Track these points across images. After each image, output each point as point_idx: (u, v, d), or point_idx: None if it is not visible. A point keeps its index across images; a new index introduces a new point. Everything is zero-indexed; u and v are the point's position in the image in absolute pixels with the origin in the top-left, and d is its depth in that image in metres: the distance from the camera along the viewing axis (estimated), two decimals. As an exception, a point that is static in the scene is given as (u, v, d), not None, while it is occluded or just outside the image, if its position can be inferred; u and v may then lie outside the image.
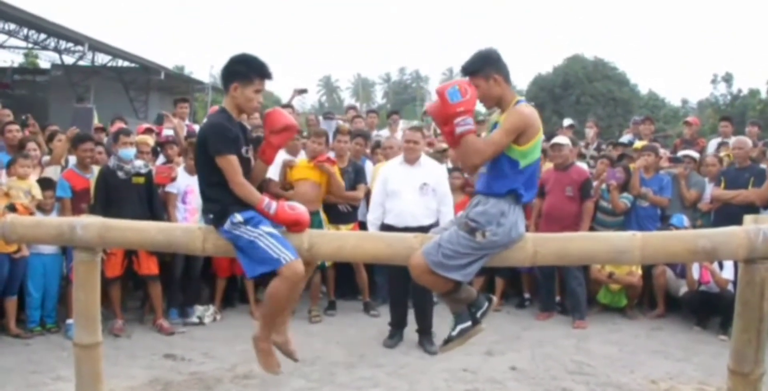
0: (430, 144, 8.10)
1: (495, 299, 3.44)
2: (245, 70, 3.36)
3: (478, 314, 3.35)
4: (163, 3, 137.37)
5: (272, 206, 3.30)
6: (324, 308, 6.66)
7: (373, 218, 5.86)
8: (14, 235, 3.63)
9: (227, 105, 3.43)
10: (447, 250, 3.10)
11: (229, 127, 3.31)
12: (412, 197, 5.55)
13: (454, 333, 3.38)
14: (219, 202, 3.32)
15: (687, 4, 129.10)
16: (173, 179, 6.22)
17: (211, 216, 3.36)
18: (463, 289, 3.28)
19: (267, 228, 3.26)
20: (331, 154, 6.64)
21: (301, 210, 3.39)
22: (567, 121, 10.71)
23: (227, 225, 3.27)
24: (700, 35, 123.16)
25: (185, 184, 6.29)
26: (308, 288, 6.64)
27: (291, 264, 3.23)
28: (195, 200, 6.26)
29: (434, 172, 5.71)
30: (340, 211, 6.60)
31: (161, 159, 6.97)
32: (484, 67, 3.17)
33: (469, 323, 3.35)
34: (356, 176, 6.66)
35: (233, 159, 3.27)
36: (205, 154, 3.33)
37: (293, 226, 3.33)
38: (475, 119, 3.17)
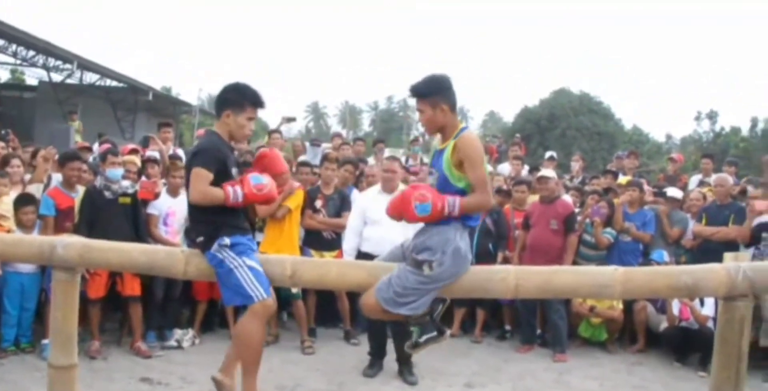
0: (414, 173, 8.12)
1: (448, 300, 3.45)
2: (239, 98, 3.42)
3: (435, 315, 3.36)
4: (152, 24, 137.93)
5: (238, 194, 3.33)
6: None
7: (349, 248, 5.87)
8: (-7, 252, 3.60)
9: (218, 129, 3.46)
10: (397, 287, 3.13)
11: (217, 147, 3.35)
12: (392, 226, 5.56)
13: (421, 340, 3.36)
14: (210, 224, 3.34)
15: (672, 42, 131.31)
16: (157, 195, 6.21)
17: (201, 238, 3.36)
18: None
19: (249, 261, 3.29)
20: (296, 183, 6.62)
21: (266, 188, 3.40)
22: (548, 154, 10.81)
23: (214, 247, 3.29)
24: (685, 72, 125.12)
25: (167, 205, 6.28)
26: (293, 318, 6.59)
27: (263, 302, 3.31)
28: (177, 221, 6.29)
29: None
30: (324, 238, 6.60)
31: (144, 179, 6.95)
32: (433, 94, 3.22)
33: (434, 334, 3.34)
34: (342, 204, 6.68)
35: (205, 173, 3.30)
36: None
37: (264, 204, 3.36)
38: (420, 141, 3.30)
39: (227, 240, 3.29)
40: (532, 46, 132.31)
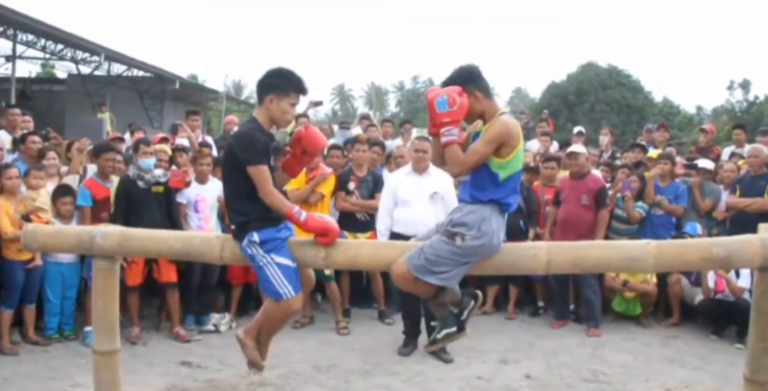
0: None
1: (480, 295, 3.45)
2: (283, 83, 3.39)
3: (465, 314, 3.35)
4: (177, 12, 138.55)
5: (302, 213, 3.34)
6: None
7: (382, 228, 5.91)
8: (35, 243, 3.68)
9: (259, 116, 3.45)
10: (429, 255, 3.15)
11: (259, 136, 3.35)
12: (422, 206, 5.62)
13: (439, 336, 3.40)
14: (243, 214, 3.36)
15: (702, 11, 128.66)
16: (188, 184, 6.29)
17: (233, 227, 3.41)
18: (447, 292, 3.30)
19: (278, 258, 3.30)
20: (328, 169, 6.70)
21: (329, 220, 3.44)
22: (577, 129, 10.70)
23: (245, 242, 3.32)
24: (716, 42, 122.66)
25: (195, 193, 6.37)
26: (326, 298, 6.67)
27: (290, 300, 3.33)
28: (207, 207, 6.38)
29: (443, 181, 5.76)
30: (358, 219, 6.64)
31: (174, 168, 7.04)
32: (465, 83, 3.21)
33: (454, 329, 3.36)
34: (375, 185, 6.70)
35: (264, 169, 3.29)
36: (234, 162, 3.36)
37: (322, 235, 3.33)
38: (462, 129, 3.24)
39: (256, 237, 3.30)
40: (559, 19, 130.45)
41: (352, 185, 6.73)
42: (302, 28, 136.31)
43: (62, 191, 5.85)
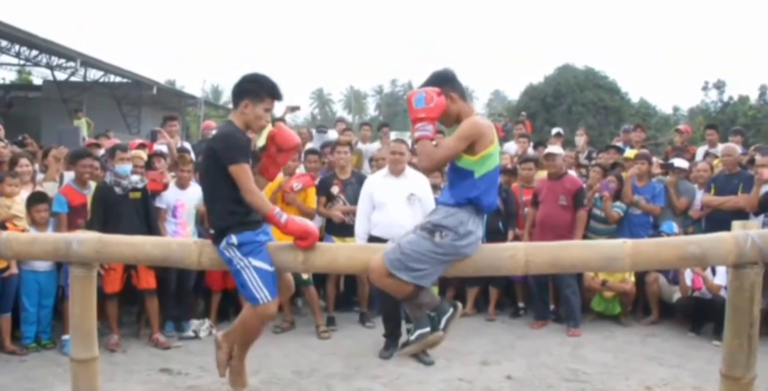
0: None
1: (460, 305, 3.44)
2: (257, 89, 3.44)
3: (443, 321, 3.32)
4: (154, 17, 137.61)
5: (283, 215, 3.35)
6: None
7: (360, 231, 5.88)
8: (10, 251, 3.65)
9: (235, 119, 3.48)
10: (407, 250, 3.16)
11: (240, 136, 3.38)
12: (399, 208, 5.60)
13: (412, 338, 3.39)
14: (224, 219, 3.37)
15: (677, 13, 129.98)
16: (166, 186, 6.27)
17: (212, 231, 3.41)
18: (426, 293, 3.29)
19: (255, 261, 3.32)
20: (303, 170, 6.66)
21: (309, 223, 3.45)
22: (555, 130, 10.78)
23: (223, 244, 3.32)
24: (691, 43, 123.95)
25: (175, 198, 6.34)
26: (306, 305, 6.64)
27: (266, 305, 3.35)
28: (185, 213, 6.35)
29: (420, 183, 5.75)
30: (347, 223, 6.56)
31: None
32: (441, 85, 3.26)
33: (427, 329, 3.33)
34: (360, 187, 6.65)
35: (246, 167, 3.32)
36: (215, 165, 3.36)
37: (301, 238, 3.33)
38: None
39: (235, 239, 3.31)
40: (536, 22, 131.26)
41: (335, 190, 6.68)
42: (281, 34, 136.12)
43: (37, 198, 5.79)
